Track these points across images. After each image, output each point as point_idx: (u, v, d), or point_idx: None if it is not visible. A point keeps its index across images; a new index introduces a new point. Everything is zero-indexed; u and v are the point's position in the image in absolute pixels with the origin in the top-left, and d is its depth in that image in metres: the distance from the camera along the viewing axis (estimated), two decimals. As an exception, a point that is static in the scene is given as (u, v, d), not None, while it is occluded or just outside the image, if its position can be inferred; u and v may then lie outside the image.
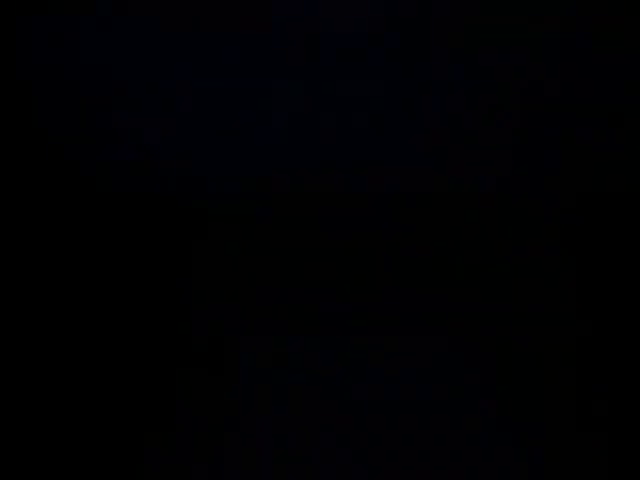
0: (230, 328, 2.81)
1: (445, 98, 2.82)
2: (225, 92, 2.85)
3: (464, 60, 2.81)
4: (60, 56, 2.83)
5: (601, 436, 2.71)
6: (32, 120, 2.83)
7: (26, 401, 2.75)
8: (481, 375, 2.76)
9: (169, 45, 2.83)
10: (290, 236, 2.84)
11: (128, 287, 2.82)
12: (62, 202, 2.83)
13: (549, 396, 2.75)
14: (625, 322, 2.79)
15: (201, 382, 2.76)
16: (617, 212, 2.82)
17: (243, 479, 2.70)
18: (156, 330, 2.81)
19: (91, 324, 2.80)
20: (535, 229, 2.82)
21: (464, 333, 2.79)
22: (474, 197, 2.83)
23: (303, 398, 2.76)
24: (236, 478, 2.70)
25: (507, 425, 2.71)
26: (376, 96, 2.84)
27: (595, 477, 2.68)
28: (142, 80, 2.84)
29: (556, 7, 2.79)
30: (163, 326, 2.81)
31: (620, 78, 2.81)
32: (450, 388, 2.75)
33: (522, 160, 2.83)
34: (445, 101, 2.82)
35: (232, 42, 2.83)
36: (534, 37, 2.80)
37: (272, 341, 2.80)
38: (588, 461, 2.69)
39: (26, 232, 2.82)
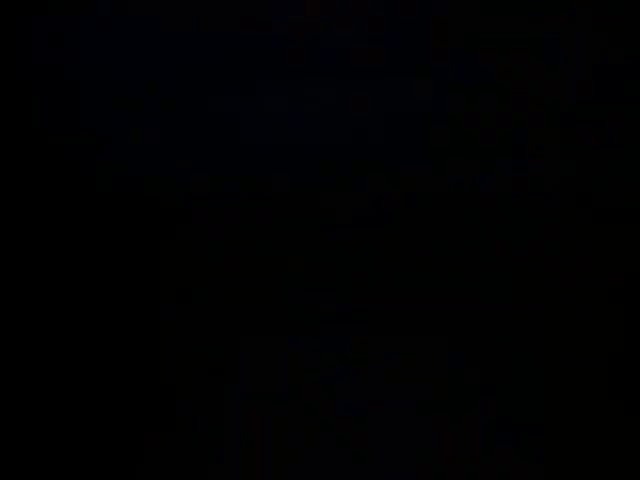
0: (230, 328, 2.81)
1: (445, 98, 2.82)
2: (225, 92, 2.85)
3: (464, 60, 2.81)
4: (60, 56, 2.83)
5: (601, 436, 2.71)
6: (32, 120, 2.83)
7: (26, 402, 2.75)
8: (481, 375, 2.76)
9: (169, 45, 2.83)
10: (290, 236, 2.84)
11: (128, 287, 2.82)
12: (62, 202, 2.83)
13: (549, 396, 2.75)
14: (625, 322, 2.79)
15: (201, 382, 2.76)
16: (617, 212, 2.82)
17: (243, 479, 2.70)
18: (156, 330, 2.81)
19: (91, 324, 2.80)
20: (535, 229, 2.82)
21: (464, 333, 2.79)
22: (474, 197, 2.83)
23: (303, 398, 2.76)
24: (236, 478, 2.70)
25: (507, 425, 2.71)
26: (376, 96, 2.84)
27: (595, 477, 2.68)
28: (142, 80, 2.84)
29: (556, 7, 2.79)
30: (163, 326, 2.81)
31: (620, 78, 2.81)
32: (450, 388, 2.75)
33: (522, 160, 2.83)
34: (445, 101, 2.82)
35: (232, 42, 2.83)
36: (534, 37, 2.80)
37: (272, 341, 2.80)
38: (588, 461, 2.69)
39: (26, 232, 2.82)
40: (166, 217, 2.83)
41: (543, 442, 2.70)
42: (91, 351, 2.78)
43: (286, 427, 2.73)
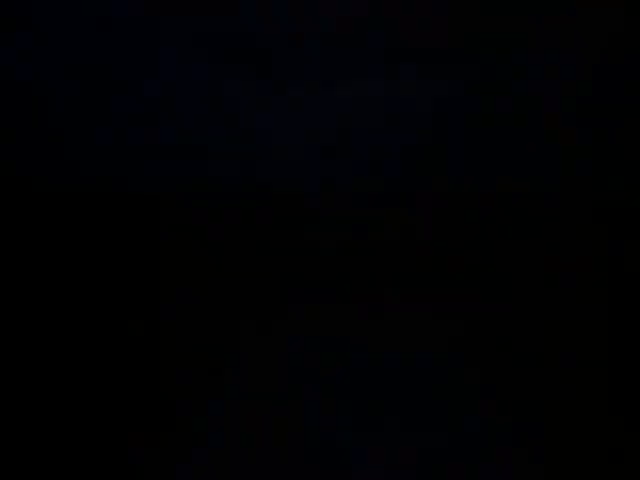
0: (230, 328, 2.81)
1: (445, 98, 2.82)
2: (225, 92, 2.85)
3: (464, 60, 2.81)
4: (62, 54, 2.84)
5: (601, 436, 2.71)
6: (32, 119, 2.83)
7: (25, 402, 2.75)
8: (481, 375, 2.76)
9: (168, 44, 2.83)
10: (290, 236, 2.84)
11: (128, 286, 2.82)
12: (62, 202, 2.83)
13: (549, 396, 2.75)
14: (625, 322, 2.79)
15: (201, 382, 2.77)
16: (617, 212, 2.82)
17: (243, 479, 2.70)
18: (156, 330, 2.81)
19: (90, 323, 2.80)
20: (535, 229, 2.82)
21: (464, 332, 2.79)
22: (474, 197, 2.83)
23: (303, 398, 2.76)
24: (236, 478, 2.70)
25: (507, 425, 2.72)
26: (376, 96, 2.84)
27: (595, 477, 2.68)
28: (141, 80, 2.84)
29: (557, 7, 2.80)
30: (162, 326, 2.81)
31: (620, 78, 2.81)
32: (450, 388, 2.75)
33: (522, 160, 2.83)
34: (445, 101, 2.82)
35: (232, 42, 2.83)
36: (534, 37, 2.81)
37: (272, 341, 2.80)
38: (588, 461, 2.69)
39: (26, 232, 2.83)
40: (166, 217, 2.83)
41: (543, 442, 2.70)
42: (91, 351, 2.78)
43: (286, 427, 2.73)
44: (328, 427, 2.74)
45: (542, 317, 2.79)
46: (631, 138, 2.81)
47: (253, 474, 2.70)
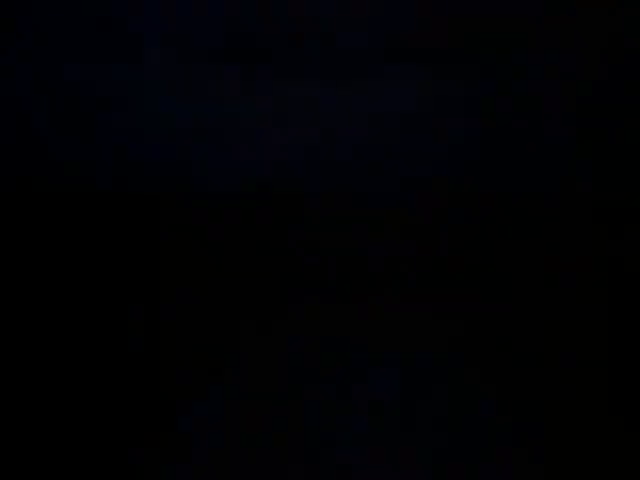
0: (230, 328, 2.81)
1: (445, 98, 2.82)
2: (224, 92, 2.85)
3: (464, 60, 2.81)
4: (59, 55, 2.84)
5: (602, 436, 2.71)
6: (29, 119, 2.83)
7: (24, 403, 2.75)
8: (481, 375, 2.76)
9: (167, 44, 2.83)
10: (290, 236, 2.84)
11: (128, 286, 2.82)
12: (61, 202, 2.83)
13: (549, 396, 2.75)
14: (625, 322, 2.79)
15: (201, 382, 2.76)
16: (617, 212, 2.82)
17: (243, 479, 2.70)
18: (156, 330, 2.81)
19: (90, 324, 2.80)
20: (535, 229, 2.82)
21: (464, 332, 2.79)
22: (474, 197, 2.83)
23: (303, 398, 2.76)
24: (236, 478, 2.70)
25: (507, 425, 2.72)
26: (376, 97, 2.84)
27: (595, 477, 2.68)
28: (141, 79, 2.84)
29: (557, 7, 2.80)
30: (162, 326, 2.81)
31: (620, 78, 2.81)
32: (450, 388, 2.75)
33: (522, 160, 2.83)
34: (446, 101, 2.82)
35: (231, 42, 2.83)
36: (534, 37, 2.81)
37: (272, 341, 2.80)
38: (588, 461, 2.69)
39: (24, 233, 2.83)
40: (166, 217, 2.83)
41: (543, 442, 2.70)
42: (90, 351, 2.78)
43: (286, 427, 2.73)
44: (328, 427, 2.74)
45: (542, 317, 2.79)
46: (631, 138, 2.81)
47: (253, 474, 2.70)
